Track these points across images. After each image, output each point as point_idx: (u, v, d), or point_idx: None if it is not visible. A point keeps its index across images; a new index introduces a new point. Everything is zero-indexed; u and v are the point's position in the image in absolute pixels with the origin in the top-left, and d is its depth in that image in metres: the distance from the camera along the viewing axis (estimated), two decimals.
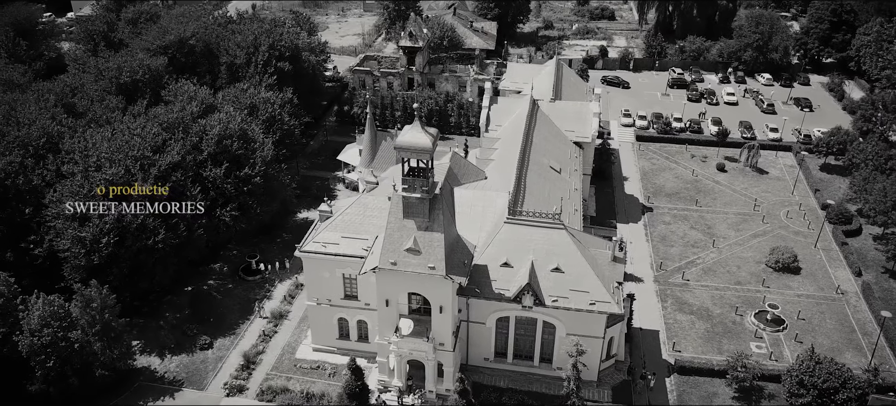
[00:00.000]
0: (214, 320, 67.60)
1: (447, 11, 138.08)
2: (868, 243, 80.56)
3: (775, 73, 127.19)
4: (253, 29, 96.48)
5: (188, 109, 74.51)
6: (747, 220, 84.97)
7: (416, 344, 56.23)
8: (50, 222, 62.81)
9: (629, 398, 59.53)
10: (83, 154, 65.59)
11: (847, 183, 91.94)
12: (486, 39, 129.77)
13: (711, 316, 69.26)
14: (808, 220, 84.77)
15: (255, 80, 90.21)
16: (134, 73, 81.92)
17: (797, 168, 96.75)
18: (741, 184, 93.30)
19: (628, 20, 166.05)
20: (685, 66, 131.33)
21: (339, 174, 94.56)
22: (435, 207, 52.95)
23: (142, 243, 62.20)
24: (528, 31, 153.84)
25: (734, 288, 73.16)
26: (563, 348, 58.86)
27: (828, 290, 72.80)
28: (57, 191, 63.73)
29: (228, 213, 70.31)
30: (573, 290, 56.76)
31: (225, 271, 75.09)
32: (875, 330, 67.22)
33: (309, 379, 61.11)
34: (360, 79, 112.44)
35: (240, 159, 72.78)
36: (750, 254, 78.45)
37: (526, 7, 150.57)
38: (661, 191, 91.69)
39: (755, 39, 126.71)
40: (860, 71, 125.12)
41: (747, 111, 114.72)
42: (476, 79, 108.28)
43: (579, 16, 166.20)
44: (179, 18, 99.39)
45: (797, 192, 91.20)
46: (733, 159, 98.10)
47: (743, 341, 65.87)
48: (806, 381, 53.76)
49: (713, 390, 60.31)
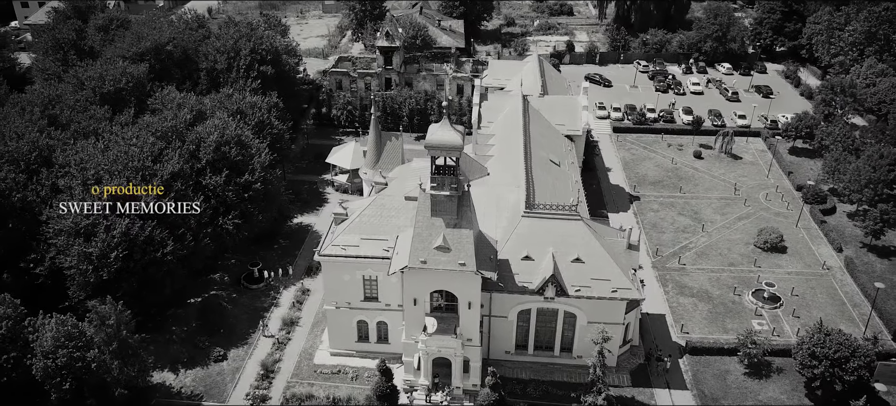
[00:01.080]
0: (225, 331, 66.16)
1: (412, 11, 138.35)
2: (844, 221, 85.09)
3: (734, 63, 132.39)
4: (231, 33, 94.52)
5: (181, 117, 72.58)
6: (730, 204, 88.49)
7: (445, 341, 56.58)
8: (51, 239, 60.25)
9: (648, 381, 61.41)
10: (80, 167, 63.21)
11: (815, 164, 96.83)
12: (455, 38, 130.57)
13: (712, 297, 71.98)
14: (787, 201, 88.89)
15: (238, 85, 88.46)
16: (117, 81, 79.20)
17: (768, 152, 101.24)
18: (719, 169, 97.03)
19: (586, 15, 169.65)
20: (649, 58, 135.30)
21: (326, 177, 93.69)
22: (463, 204, 53.44)
23: (150, 256, 60.42)
24: (491, 29, 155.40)
25: (728, 269, 76.19)
26: (584, 337, 60.28)
27: (815, 267, 76.65)
28: (54, 206, 61.16)
29: (231, 222, 68.93)
30: (595, 279, 58.20)
31: (226, 281, 73.55)
32: (862, 301, 71.26)
33: (332, 384, 60.65)
34: (336, 80, 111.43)
35: (238, 166, 71.43)
36: (738, 236, 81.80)
37: (489, 5, 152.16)
38: (645, 180, 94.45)
39: (714, 31, 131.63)
40: (812, 58, 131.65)
41: (713, 100, 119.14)
42: (455, 77, 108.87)
43: (538, 12, 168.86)
44: (151, 24, 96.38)
45: (771, 175, 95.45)
46: (708, 147, 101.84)
47: (744, 320, 68.77)
48: (818, 353, 56.62)
49: (725, 368, 62.80)
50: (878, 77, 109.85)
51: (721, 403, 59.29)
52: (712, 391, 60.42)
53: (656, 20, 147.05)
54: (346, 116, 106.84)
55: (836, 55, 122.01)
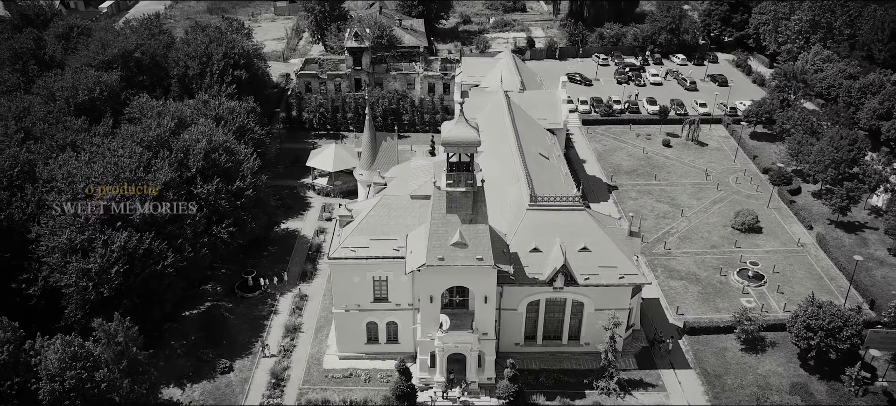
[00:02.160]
0: (227, 342, 64.72)
1: (369, 11, 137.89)
2: (809, 200, 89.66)
3: (688, 54, 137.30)
4: (201, 38, 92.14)
5: (165, 125, 70.45)
6: (704, 189, 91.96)
7: (461, 336, 57.00)
8: (44, 258, 57.61)
9: (653, 363, 63.40)
10: (68, 180, 60.64)
11: (776, 148, 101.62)
12: (417, 37, 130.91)
13: (700, 279, 74.78)
14: (755, 184, 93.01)
15: (213, 91, 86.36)
16: (90, 90, 76.16)
17: (731, 138, 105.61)
18: (688, 156, 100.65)
19: (539, 11, 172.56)
20: (607, 51, 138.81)
21: (306, 181, 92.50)
22: (478, 200, 53.94)
23: (150, 269, 58.55)
24: (449, 28, 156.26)
25: (711, 251, 79.28)
26: (591, 324, 61.78)
27: (790, 245, 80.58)
28: (46, 220, 58.55)
29: (225, 230, 67.43)
30: (602, 267, 59.68)
31: (219, 291, 71.87)
32: (837, 274, 75.40)
33: (345, 387, 60.18)
34: (304, 82, 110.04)
35: (229, 173, 69.91)
36: (716, 219, 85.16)
37: (447, 3, 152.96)
38: (620, 169, 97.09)
39: (668, 23, 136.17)
40: (759, 47, 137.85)
41: (672, 90, 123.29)
42: (426, 76, 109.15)
43: (493, 10, 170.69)
44: (116, 31, 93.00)
45: (738, 160, 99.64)
46: (675, 135, 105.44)
47: (733, 298, 71.76)
48: (812, 325, 59.72)
49: (723, 346, 65.43)
50: (824, 63, 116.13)
51: (724, 379, 61.75)
52: (714, 368, 62.89)
53: (609, 15, 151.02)
54: (318, 119, 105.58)
55: (783, 43, 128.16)
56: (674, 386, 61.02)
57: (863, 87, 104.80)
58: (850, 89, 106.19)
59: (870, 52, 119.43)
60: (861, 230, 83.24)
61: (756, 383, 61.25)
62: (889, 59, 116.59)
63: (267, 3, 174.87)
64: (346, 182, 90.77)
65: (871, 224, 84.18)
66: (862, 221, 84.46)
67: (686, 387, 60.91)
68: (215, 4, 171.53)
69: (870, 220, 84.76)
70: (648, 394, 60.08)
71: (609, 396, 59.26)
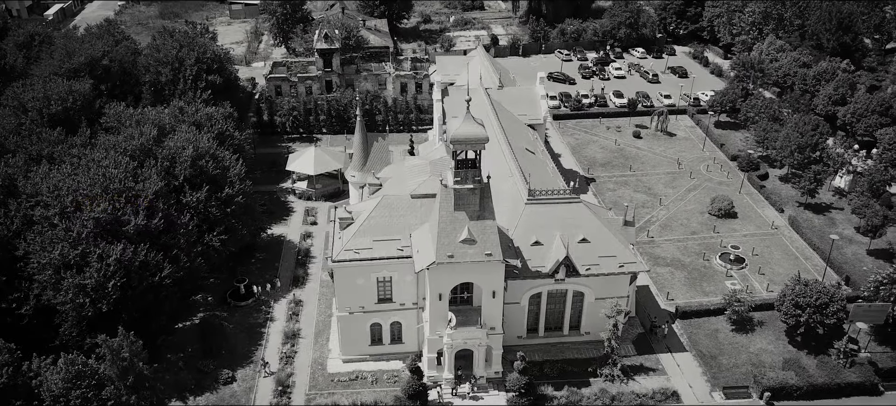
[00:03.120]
0: (226, 352, 63.44)
1: (330, 12, 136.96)
2: (778, 184, 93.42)
3: (647, 48, 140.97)
4: (171, 43, 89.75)
5: (148, 133, 68.50)
6: (678, 178, 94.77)
7: (470, 332, 57.42)
8: (35, 275, 55.31)
9: (650, 348, 65.14)
10: (54, 194, 58.38)
11: (741, 136, 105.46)
12: (382, 37, 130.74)
13: (684, 265, 77.11)
14: (726, 171, 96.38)
15: (188, 97, 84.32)
16: (63, 100, 73.37)
17: (697, 128, 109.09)
18: (659, 147, 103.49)
19: (498, 9, 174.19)
20: (568, 47, 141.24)
21: (286, 185, 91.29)
22: (485, 196, 54.44)
23: (148, 282, 56.92)
24: (410, 27, 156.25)
25: (692, 237, 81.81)
26: (591, 314, 63.07)
27: (764, 228, 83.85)
28: (34, 241, 56.25)
29: (217, 238, 66.06)
30: (602, 257, 60.99)
31: (210, 301, 70.34)
32: (812, 254, 78.90)
33: (353, 390, 59.80)
34: (274, 86, 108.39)
35: (217, 180, 68.51)
36: (693, 206, 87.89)
37: (408, 3, 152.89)
38: (595, 162, 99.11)
39: (627, 18, 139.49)
40: (713, 39, 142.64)
41: (636, 83, 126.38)
42: (398, 75, 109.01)
43: (451, 8, 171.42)
44: (77, 38, 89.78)
45: (706, 148, 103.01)
46: (644, 126, 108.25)
47: (718, 281, 74.31)
48: (801, 302, 62.44)
49: (714, 327, 67.68)
50: (778, 52, 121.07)
51: (719, 359, 63.94)
52: (709, 350, 65.02)
53: (567, 11, 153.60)
54: (291, 122, 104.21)
55: (737, 35, 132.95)
56: (673, 369, 62.86)
57: (817, 74, 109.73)
58: (805, 77, 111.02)
59: (819, 42, 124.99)
60: (828, 211, 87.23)
61: (750, 362, 63.64)
62: (837, 48, 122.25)
63: (221, 7, 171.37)
64: (327, 185, 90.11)
65: (837, 205, 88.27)
66: (828, 202, 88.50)
67: (685, 369, 62.82)
68: (167, 9, 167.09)
69: (834, 201, 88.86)
70: (650, 378, 61.73)
71: (613, 383, 60.64)
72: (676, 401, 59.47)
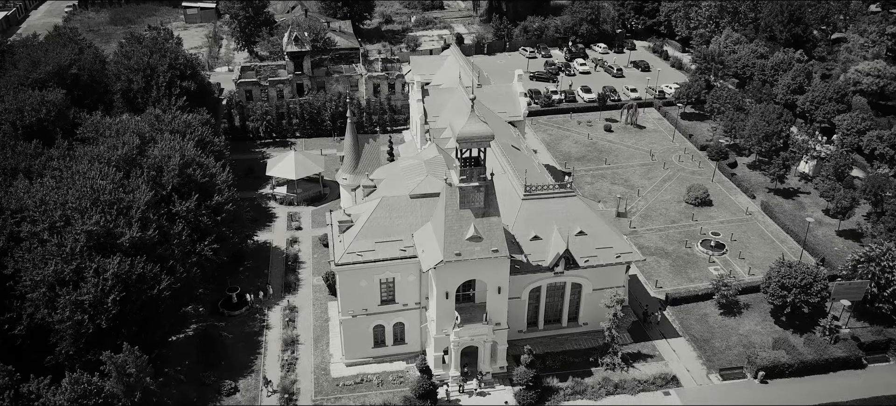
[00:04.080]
0: (226, 363, 62.23)
1: (289, 15, 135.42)
2: (747, 172, 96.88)
3: (609, 43, 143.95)
4: (140, 50, 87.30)
5: (130, 142, 66.60)
6: (652, 169, 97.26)
7: (477, 329, 57.88)
8: (28, 294, 53.16)
9: (646, 335, 66.83)
10: (42, 209, 56.25)
11: (706, 126, 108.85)
12: (348, 38, 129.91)
13: (668, 253, 79.27)
14: (697, 160, 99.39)
15: (163, 104, 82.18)
16: (37, 111, 70.61)
17: (664, 120, 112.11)
18: (630, 139, 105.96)
19: (458, 8, 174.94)
20: (532, 44, 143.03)
21: (265, 191, 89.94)
22: (489, 193, 54.94)
23: (146, 295, 55.40)
24: (372, 29, 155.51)
25: (672, 226, 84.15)
26: (589, 304, 64.32)
27: (739, 214, 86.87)
28: (24, 258, 54.08)
29: (209, 247, 64.74)
30: (599, 248, 62.32)
31: (202, 312, 68.84)
32: (786, 237, 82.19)
33: (359, 394, 59.53)
34: (245, 91, 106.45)
35: (206, 188, 67.14)
36: (669, 196, 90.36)
37: (370, 4, 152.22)
38: (570, 157, 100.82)
39: (588, 14, 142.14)
40: (671, 33, 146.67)
41: (601, 78, 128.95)
42: (371, 77, 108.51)
43: (411, 8, 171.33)
44: (40, 47, 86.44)
45: (676, 139, 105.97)
46: (614, 120, 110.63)
47: (702, 268, 76.71)
48: (786, 283, 65.05)
49: (704, 312, 69.88)
50: (735, 45, 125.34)
51: (712, 343, 66.06)
52: (701, 334, 67.08)
53: (528, 8, 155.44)
54: (264, 127, 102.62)
55: (695, 28, 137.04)
56: (669, 354, 64.67)
57: (774, 65, 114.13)
58: (764, 68, 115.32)
59: (772, 34, 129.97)
60: (796, 195, 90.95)
61: (740, 343, 65.98)
62: (790, 39, 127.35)
63: (175, 11, 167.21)
64: (307, 189, 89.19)
65: (804, 189, 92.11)
66: (795, 187, 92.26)
67: (680, 354, 64.70)
68: (118, 14, 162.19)
69: (801, 185, 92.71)
70: (649, 364, 63.36)
71: (614, 371, 62.02)
72: (676, 385, 61.21)
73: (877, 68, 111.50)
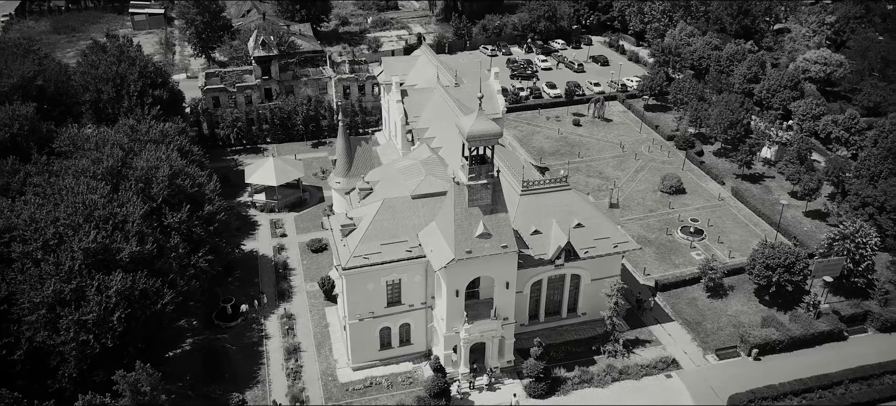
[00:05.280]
0: (230, 375, 60.92)
1: (244, 20, 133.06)
2: (713, 159, 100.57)
3: (567, 39, 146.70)
4: (106, 59, 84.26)
5: (115, 154, 64.36)
6: (624, 161, 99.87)
7: (487, 325, 58.49)
8: (26, 316, 50.78)
9: (641, 322, 68.78)
10: (33, 228, 53.84)
11: (672, 116, 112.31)
12: (310, 41, 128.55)
13: (651, 241, 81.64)
14: (666, 150, 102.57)
15: (137, 114, 79.61)
16: (9, 126, 67.36)
17: (629, 112, 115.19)
18: (599, 132, 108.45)
19: (412, 8, 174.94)
20: (491, 42, 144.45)
21: (243, 199, 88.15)
22: (497, 190, 55.57)
23: (150, 311, 53.75)
24: (329, 31, 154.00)
25: (651, 215, 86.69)
26: (588, 295, 65.75)
27: (712, 200, 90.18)
28: (18, 279, 51.70)
29: (204, 258, 63.22)
30: (597, 239, 63.80)
31: (195, 325, 67.12)
32: (758, 220, 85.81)
33: (370, 398, 59.28)
34: (212, 97, 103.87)
35: (196, 198, 65.50)
36: (644, 186, 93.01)
37: (327, 6, 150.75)
38: (544, 152, 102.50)
39: (545, 11, 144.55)
40: (624, 28, 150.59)
41: (563, 74, 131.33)
42: (340, 79, 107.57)
43: (366, 10, 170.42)
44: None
45: (643, 131, 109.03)
46: (582, 114, 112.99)
47: (684, 253, 79.37)
48: (771, 263, 68.05)
49: (692, 296, 72.35)
50: (689, 37, 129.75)
51: (704, 325, 68.50)
52: (692, 317, 69.46)
53: (484, 7, 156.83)
54: (235, 134, 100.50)
55: (649, 23, 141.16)
56: (665, 338, 66.75)
57: (729, 56, 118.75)
58: (719, 59, 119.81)
59: (722, 26, 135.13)
60: (762, 180, 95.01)
61: (730, 323, 68.65)
62: (740, 31, 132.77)
63: (121, 18, 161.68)
64: (286, 195, 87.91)
65: (768, 173, 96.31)
66: (761, 172, 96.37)
67: (676, 337, 66.87)
68: (61, 23, 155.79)
69: (766, 170, 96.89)
70: (648, 349, 65.24)
71: (616, 358, 63.63)
72: (676, 367, 63.26)
73: (823, 56, 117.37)
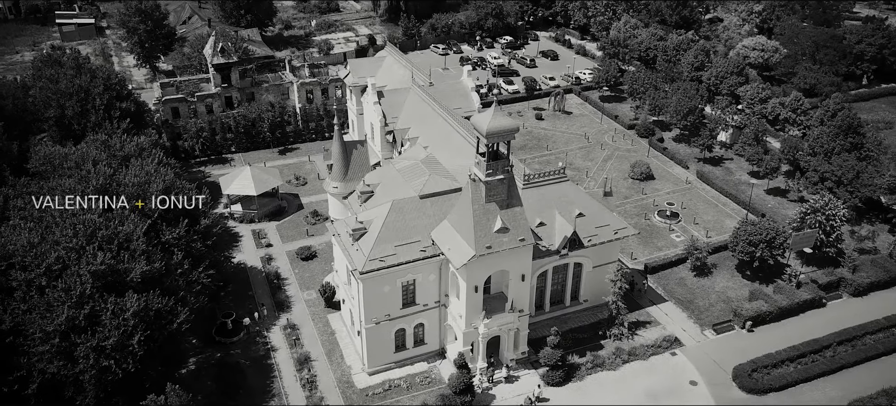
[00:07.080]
0: (243, 391, 59.20)
1: (185, 26, 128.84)
2: (674, 145, 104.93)
3: (515, 36, 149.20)
4: (66, 73, 79.84)
5: (102, 172, 61.29)
6: (591, 151, 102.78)
7: (504, 318, 59.30)
8: (37, 347, 47.79)
9: (638, 304, 71.23)
10: (33, 254, 50.70)
11: (628, 106, 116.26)
12: (261, 46, 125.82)
13: (631, 226, 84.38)
14: (629, 139, 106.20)
15: (106, 128, 75.88)
16: None
17: (586, 104, 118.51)
18: (562, 125, 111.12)
19: (354, 9, 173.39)
20: (441, 41, 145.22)
21: (219, 211, 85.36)
22: (512, 184, 56.40)
23: (166, 331, 51.67)
24: (274, 35, 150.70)
25: (626, 202, 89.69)
26: (590, 282, 67.60)
27: (680, 184, 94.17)
28: (19, 309, 48.63)
29: (205, 273, 61.13)
30: (598, 227, 65.71)
31: (195, 343, 64.71)
32: (726, 200, 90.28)
33: (392, 400, 58.99)
34: (171, 108, 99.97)
35: (190, 212, 63.22)
36: (615, 174, 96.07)
37: (271, 10, 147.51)
38: (513, 147, 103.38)
39: (492, 9, 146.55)
40: (567, 22, 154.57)
41: (516, 69, 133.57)
42: (303, 83, 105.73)
43: (307, 13, 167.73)
44: None
45: (603, 121, 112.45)
46: (542, 108, 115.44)
47: (665, 236, 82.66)
48: (754, 240, 71.91)
49: (680, 276, 75.47)
50: (634, 29, 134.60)
51: (696, 303, 71.63)
52: (683, 296, 72.49)
53: (426, 6, 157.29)
54: (201, 145, 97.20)
55: (593, 17, 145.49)
56: (663, 318, 69.45)
57: (675, 46, 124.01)
58: (666, 49, 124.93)
59: (663, 18, 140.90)
60: (722, 162, 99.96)
61: (720, 299, 72.07)
62: (679, 22, 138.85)
63: (47, 30, 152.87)
64: (265, 204, 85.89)
65: (726, 156, 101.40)
66: (720, 155, 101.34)
67: (672, 316, 69.67)
68: None
69: (723, 153, 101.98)
70: (649, 330, 67.71)
71: (622, 340, 65.76)
72: (679, 345, 65.98)
73: (761, 43, 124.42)
